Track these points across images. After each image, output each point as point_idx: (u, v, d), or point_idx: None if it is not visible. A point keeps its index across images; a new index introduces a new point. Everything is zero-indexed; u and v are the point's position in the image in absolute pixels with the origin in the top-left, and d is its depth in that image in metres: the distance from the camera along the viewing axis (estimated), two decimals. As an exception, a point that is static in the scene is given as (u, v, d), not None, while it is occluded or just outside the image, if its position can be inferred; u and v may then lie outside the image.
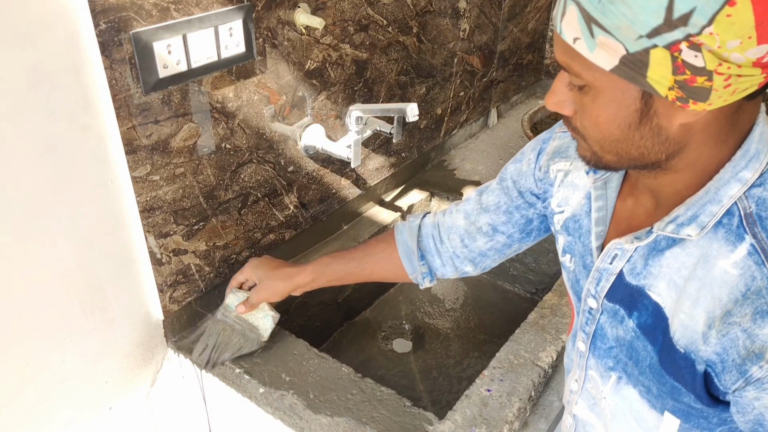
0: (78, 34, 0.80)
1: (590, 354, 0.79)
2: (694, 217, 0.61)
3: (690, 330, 0.62)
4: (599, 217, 0.74)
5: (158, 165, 0.96)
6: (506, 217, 0.92)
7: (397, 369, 1.32)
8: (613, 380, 0.76)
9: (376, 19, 1.28)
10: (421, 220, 1.03)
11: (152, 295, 1.06)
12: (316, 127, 1.22)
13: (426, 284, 1.03)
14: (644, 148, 0.60)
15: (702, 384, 0.63)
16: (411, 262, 1.01)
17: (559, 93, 0.62)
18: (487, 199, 0.95)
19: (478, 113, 1.87)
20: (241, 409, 1.04)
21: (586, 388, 0.83)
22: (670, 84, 0.53)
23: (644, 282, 0.67)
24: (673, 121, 0.57)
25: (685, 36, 0.50)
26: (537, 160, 0.87)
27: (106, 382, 1.05)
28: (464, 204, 0.98)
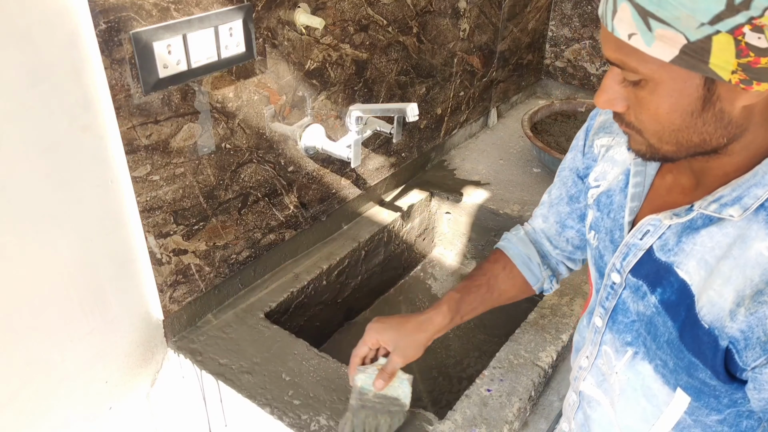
0: (78, 34, 0.80)
1: (607, 329, 0.79)
2: (738, 198, 0.62)
3: (717, 307, 0.63)
4: (635, 193, 0.74)
5: (158, 165, 0.96)
6: (569, 208, 0.92)
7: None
8: (629, 355, 0.76)
9: (376, 19, 1.28)
10: (523, 229, 1.01)
11: (152, 295, 1.06)
12: (316, 127, 1.22)
13: (554, 287, 1.00)
14: (706, 134, 0.60)
15: (722, 360, 0.64)
16: (532, 271, 0.98)
17: (611, 90, 0.62)
18: (552, 195, 0.95)
19: (478, 113, 1.87)
20: (241, 409, 1.04)
21: (597, 365, 0.83)
22: (733, 68, 0.54)
23: (674, 259, 0.67)
24: (735, 103, 0.57)
25: (747, 19, 0.51)
26: (585, 138, 0.88)
27: (106, 382, 1.05)
28: (540, 207, 0.98)
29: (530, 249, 0.98)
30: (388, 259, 1.51)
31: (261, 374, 1.05)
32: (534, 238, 1.00)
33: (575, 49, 2.08)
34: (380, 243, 1.46)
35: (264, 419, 1.00)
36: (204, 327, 1.14)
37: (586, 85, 2.11)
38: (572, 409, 0.92)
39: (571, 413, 0.92)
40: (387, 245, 1.49)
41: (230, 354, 1.09)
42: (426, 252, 1.67)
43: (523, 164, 1.73)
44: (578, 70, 2.11)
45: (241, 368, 1.06)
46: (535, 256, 0.98)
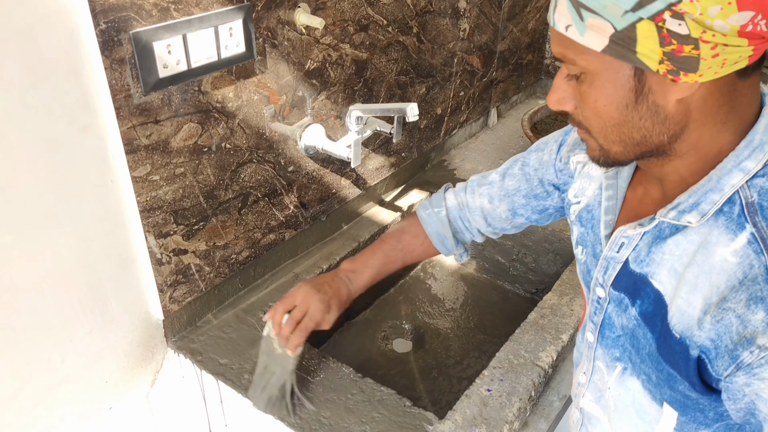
0: (78, 34, 0.80)
1: (598, 344, 0.80)
2: (695, 204, 0.62)
3: (686, 316, 0.62)
4: (609, 206, 0.75)
5: (158, 165, 0.96)
6: (525, 201, 0.97)
7: (397, 369, 1.32)
8: (618, 371, 0.76)
9: (376, 19, 1.28)
10: (445, 203, 1.07)
11: (152, 295, 1.06)
12: (316, 127, 1.22)
13: (464, 260, 1.10)
14: (645, 130, 0.61)
15: (695, 370, 0.63)
16: (446, 247, 1.07)
17: (559, 89, 0.64)
18: (509, 183, 0.98)
19: (478, 113, 1.87)
20: (241, 409, 1.04)
21: (594, 380, 0.84)
22: (659, 57, 0.54)
23: (647, 269, 0.68)
24: (668, 97, 0.58)
25: (667, 5, 0.52)
26: (558, 152, 0.89)
27: (106, 382, 1.05)
28: (488, 186, 1.02)
29: (446, 230, 1.06)
30: (388, 259, 1.51)
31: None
32: (459, 215, 1.06)
33: (575, 49, 2.07)
34: (380, 243, 1.46)
35: (264, 419, 0.99)
36: (204, 327, 1.14)
37: (586, 85, 2.11)
38: (576, 426, 0.92)
39: (576, 430, 0.92)
40: (387, 245, 1.49)
41: (230, 354, 1.09)
42: (426, 252, 1.67)
43: (523, 164, 1.73)
44: (578, 70, 2.10)
45: (241, 368, 1.06)
46: (450, 238, 1.06)
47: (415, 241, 1.08)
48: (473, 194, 1.04)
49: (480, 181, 1.04)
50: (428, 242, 1.07)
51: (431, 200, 1.09)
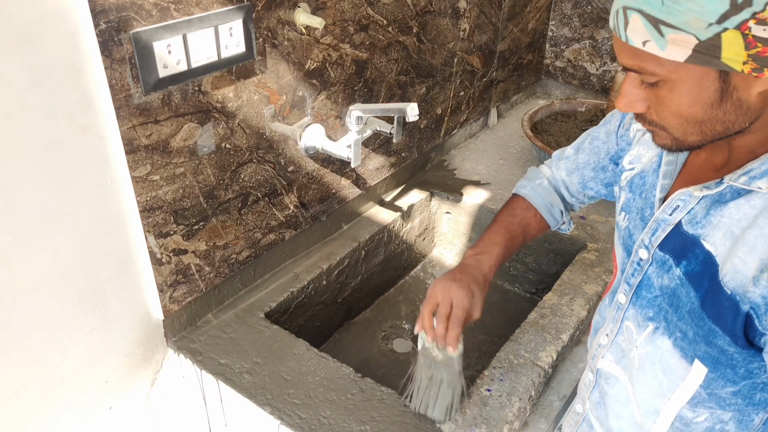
0: (78, 34, 0.80)
1: (630, 305, 0.83)
2: (767, 171, 0.66)
3: (741, 274, 0.66)
4: (667, 171, 0.78)
5: (158, 165, 0.96)
6: (593, 174, 1.00)
7: (397, 369, 1.32)
8: (650, 330, 0.79)
9: (376, 19, 1.28)
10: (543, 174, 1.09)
11: (152, 295, 1.06)
12: (316, 127, 1.22)
13: (571, 227, 1.13)
14: (729, 122, 0.65)
15: (742, 325, 0.67)
16: (554, 217, 1.08)
17: (630, 94, 0.68)
18: (581, 157, 1.02)
19: (478, 113, 1.87)
20: (241, 409, 1.04)
21: (617, 341, 0.87)
22: (744, 59, 0.58)
23: (701, 231, 0.71)
24: (751, 91, 0.62)
25: (751, 15, 0.56)
26: (622, 118, 0.93)
27: (106, 382, 1.05)
28: (565, 161, 1.06)
29: (554, 197, 1.07)
30: (388, 259, 1.51)
31: (261, 374, 1.05)
32: (555, 185, 1.08)
33: (575, 49, 2.08)
34: (380, 243, 1.46)
35: (264, 419, 1.00)
36: (204, 327, 1.14)
37: (586, 85, 2.11)
38: (588, 388, 0.94)
39: (587, 393, 0.94)
40: (387, 245, 1.49)
41: (230, 354, 1.09)
42: (426, 252, 1.67)
43: (523, 164, 1.73)
44: (578, 69, 2.11)
45: (241, 368, 1.06)
46: (559, 204, 1.07)
47: (528, 214, 1.07)
48: (557, 168, 1.08)
49: (559, 155, 1.08)
50: (539, 215, 1.07)
51: (528, 176, 1.11)
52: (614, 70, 2.02)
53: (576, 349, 1.18)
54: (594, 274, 1.29)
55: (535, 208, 1.07)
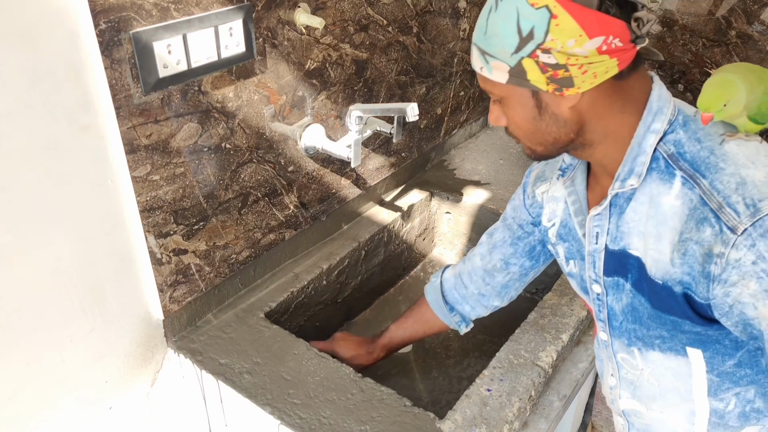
0: (78, 34, 0.80)
1: (612, 339, 0.88)
2: (630, 170, 0.75)
3: (661, 262, 0.74)
4: (576, 209, 0.87)
5: (158, 165, 0.96)
6: (513, 249, 1.06)
7: (397, 369, 1.32)
8: (636, 352, 0.85)
9: (376, 19, 1.28)
10: (441, 277, 1.18)
11: (152, 295, 1.06)
12: (316, 127, 1.22)
13: (464, 330, 1.18)
14: (554, 133, 0.77)
15: (687, 306, 0.74)
16: (445, 316, 1.16)
17: (494, 111, 0.81)
18: (495, 237, 1.09)
19: (478, 113, 1.87)
20: (241, 409, 1.04)
21: (623, 376, 0.91)
22: (545, 81, 0.71)
23: (623, 243, 0.79)
24: (561, 107, 0.74)
25: (536, 46, 0.69)
26: (524, 192, 1.02)
27: (106, 382, 1.05)
28: (479, 247, 1.12)
29: (439, 296, 1.16)
30: (388, 259, 1.51)
31: (261, 374, 1.05)
32: (447, 287, 1.16)
33: (575, 49, 2.07)
34: (380, 243, 1.46)
35: (264, 419, 1.00)
36: (204, 327, 1.14)
37: (586, 85, 2.11)
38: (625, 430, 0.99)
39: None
40: (387, 245, 1.49)
41: (230, 354, 1.09)
42: (426, 252, 1.67)
43: (523, 164, 1.73)
44: (578, 70, 2.10)
45: (241, 368, 1.06)
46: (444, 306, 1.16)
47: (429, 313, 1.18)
48: (469, 260, 1.14)
49: (471, 251, 1.15)
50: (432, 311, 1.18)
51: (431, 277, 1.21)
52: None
53: (576, 349, 1.18)
54: (594, 274, 1.29)
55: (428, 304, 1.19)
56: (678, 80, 1.91)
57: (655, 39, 1.90)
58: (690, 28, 1.82)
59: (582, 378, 1.13)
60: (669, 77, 1.92)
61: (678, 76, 1.91)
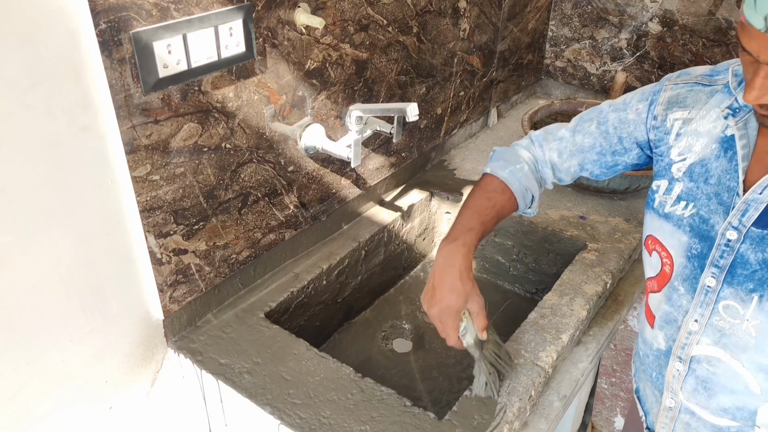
0: (78, 34, 0.80)
1: (725, 285, 0.86)
2: None
3: None
4: (745, 154, 0.83)
5: (158, 165, 0.96)
6: (597, 157, 1.03)
7: (397, 369, 1.32)
8: (756, 300, 0.83)
9: (376, 19, 1.28)
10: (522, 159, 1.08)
11: (152, 295, 1.06)
12: (316, 127, 1.22)
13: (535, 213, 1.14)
14: None
15: None
16: (525, 202, 1.08)
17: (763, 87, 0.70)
18: (582, 140, 1.05)
19: (478, 113, 1.87)
20: (242, 409, 1.04)
21: (712, 323, 0.89)
22: None
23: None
24: None
25: None
26: (649, 110, 0.96)
27: (106, 382, 1.05)
28: (558, 142, 1.08)
29: (532, 183, 1.08)
30: (388, 259, 1.51)
31: (261, 374, 1.05)
32: (537, 167, 1.10)
33: (575, 48, 2.08)
34: (380, 243, 1.46)
35: (264, 419, 1.00)
36: (204, 327, 1.14)
37: (586, 85, 2.11)
38: (678, 380, 0.95)
39: (678, 384, 0.96)
40: (387, 245, 1.49)
41: (230, 354, 1.09)
42: (426, 252, 1.67)
43: (523, 164, 1.73)
44: (578, 69, 2.11)
45: (242, 368, 1.06)
46: (534, 190, 1.08)
47: (503, 198, 1.06)
48: (542, 148, 1.09)
49: (546, 137, 1.10)
50: (513, 199, 1.06)
51: (505, 159, 1.09)
52: (614, 70, 2.02)
53: (576, 349, 1.18)
54: (594, 274, 1.29)
55: (511, 191, 1.06)
56: (678, 80, 1.91)
57: (655, 39, 1.90)
58: (690, 28, 1.82)
59: (582, 378, 1.14)
60: (669, 77, 1.92)
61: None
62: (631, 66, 1.98)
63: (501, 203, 1.04)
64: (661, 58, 1.91)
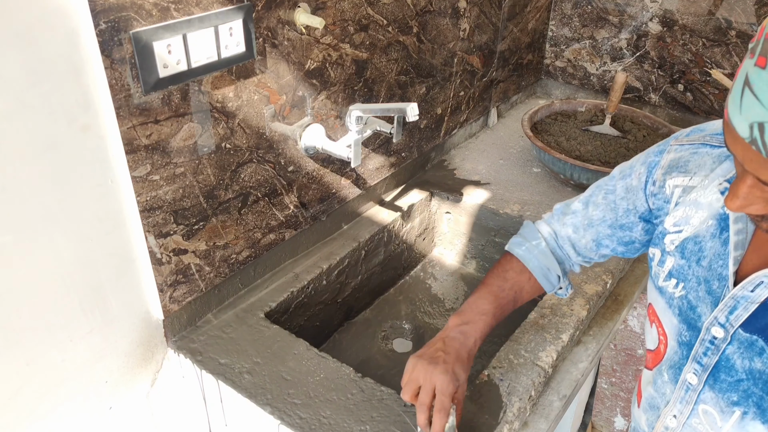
0: (78, 34, 0.80)
1: (707, 387, 0.76)
2: None
3: None
4: (739, 241, 0.71)
5: (158, 165, 0.96)
6: (610, 231, 0.93)
7: (397, 369, 1.32)
8: (737, 416, 0.73)
9: (376, 19, 1.28)
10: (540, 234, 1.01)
11: (152, 295, 1.06)
12: (316, 127, 1.22)
13: (569, 292, 1.05)
14: None
15: None
16: (550, 282, 1.00)
17: (746, 197, 0.60)
18: (593, 212, 0.95)
19: (478, 113, 1.87)
20: (242, 409, 1.04)
21: (691, 424, 0.80)
22: None
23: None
24: None
25: None
26: (649, 175, 0.85)
27: (106, 382, 1.05)
28: (572, 216, 0.98)
29: (551, 262, 0.99)
30: (388, 259, 1.51)
31: (261, 374, 1.05)
32: (555, 244, 1.00)
33: (575, 48, 2.08)
34: (380, 243, 1.46)
35: (264, 419, 1.00)
36: (204, 327, 1.14)
37: (586, 85, 2.11)
38: None
39: None
40: (387, 245, 1.49)
41: (230, 354, 1.09)
42: (426, 252, 1.67)
43: (523, 164, 1.73)
44: (578, 69, 2.11)
45: (241, 368, 1.06)
46: (556, 269, 0.99)
47: (522, 278, 0.99)
48: (560, 222, 1.00)
49: (563, 210, 1.00)
50: (533, 279, 1.00)
51: (523, 235, 1.03)
52: (614, 70, 2.02)
53: (576, 349, 1.18)
54: (594, 274, 1.29)
55: (529, 272, 0.99)
56: (678, 80, 1.91)
57: (655, 39, 1.90)
58: (690, 28, 1.82)
59: (582, 378, 1.14)
60: (669, 77, 1.92)
61: (678, 76, 1.91)
62: (631, 66, 1.98)
63: (520, 284, 0.98)
64: (661, 58, 1.91)
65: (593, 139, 1.71)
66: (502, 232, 1.53)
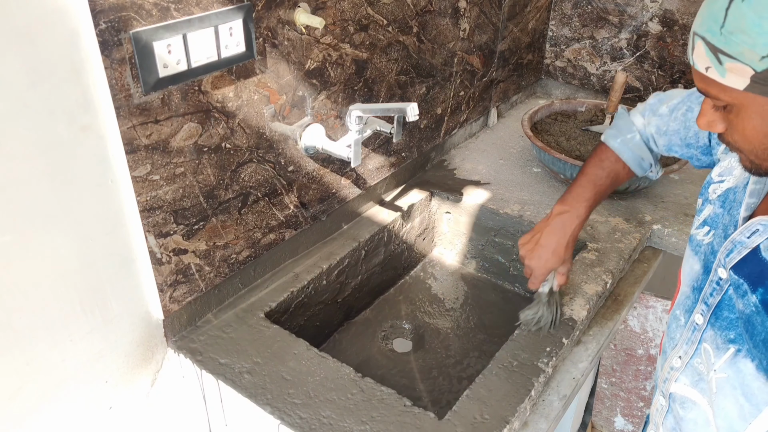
0: (78, 34, 0.80)
1: (708, 326, 0.80)
2: None
3: None
4: (755, 189, 0.76)
5: (158, 165, 0.96)
6: (680, 142, 1.03)
7: (397, 369, 1.32)
8: (731, 353, 0.76)
9: (376, 19, 1.28)
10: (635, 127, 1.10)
11: (152, 295, 1.06)
12: (317, 127, 1.22)
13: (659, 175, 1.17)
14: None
15: None
16: (643, 168, 1.12)
17: (708, 114, 0.69)
18: (672, 124, 1.04)
19: (478, 113, 1.87)
20: (242, 409, 1.04)
21: (693, 364, 0.84)
22: None
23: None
24: None
25: None
26: None
27: (106, 382, 1.05)
28: (658, 118, 1.07)
29: (645, 152, 1.10)
30: (388, 259, 1.51)
31: (261, 374, 1.05)
32: (645, 138, 1.10)
33: (575, 48, 2.08)
34: (380, 243, 1.46)
35: (264, 419, 1.00)
36: (204, 327, 1.14)
37: (586, 85, 2.11)
38: (660, 414, 0.91)
39: (660, 418, 0.91)
40: (387, 245, 1.49)
41: (230, 354, 1.09)
42: (426, 252, 1.67)
43: (523, 164, 1.73)
44: (578, 69, 2.11)
45: (241, 368, 1.06)
46: (649, 157, 1.10)
47: (617, 166, 1.10)
48: (648, 122, 1.09)
49: (653, 109, 1.09)
50: (627, 167, 1.11)
51: (618, 128, 1.12)
52: (614, 70, 2.02)
53: (576, 349, 1.18)
54: (594, 274, 1.29)
55: (623, 162, 1.10)
56: (678, 80, 1.91)
57: (655, 39, 1.90)
58: (690, 28, 1.82)
59: (582, 378, 1.14)
60: (669, 77, 1.92)
61: (678, 76, 1.91)
62: (631, 66, 1.98)
63: (616, 171, 1.10)
64: (661, 58, 1.91)
65: (593, 139, 1.71)
66: (502, 232, 1.53)
